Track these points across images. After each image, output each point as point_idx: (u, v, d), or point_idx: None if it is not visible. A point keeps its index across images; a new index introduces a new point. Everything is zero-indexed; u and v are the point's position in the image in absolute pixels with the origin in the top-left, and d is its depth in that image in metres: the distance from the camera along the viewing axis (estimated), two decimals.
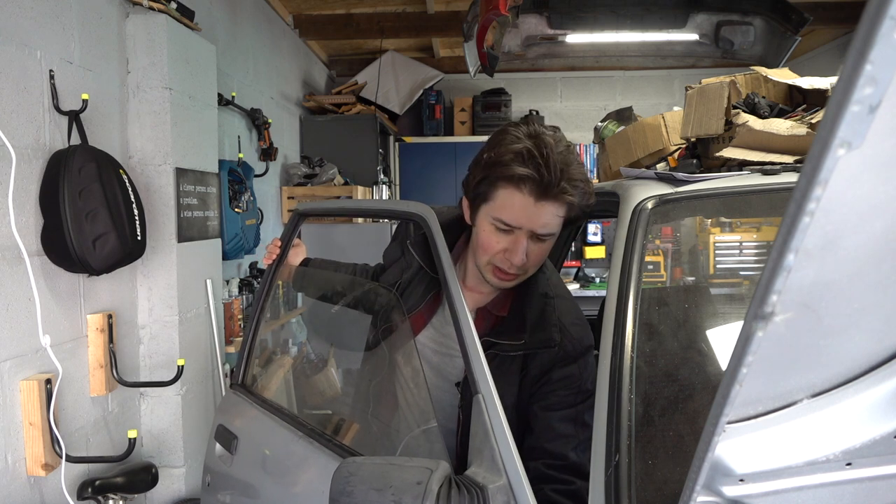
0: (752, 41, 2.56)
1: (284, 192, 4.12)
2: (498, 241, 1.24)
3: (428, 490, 1.01)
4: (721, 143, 1.59)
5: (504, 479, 1.06)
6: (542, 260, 1.31)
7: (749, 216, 2.32)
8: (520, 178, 1.17)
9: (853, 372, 0.64)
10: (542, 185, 1.17)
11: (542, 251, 1.27)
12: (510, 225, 1.22)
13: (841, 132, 0.39)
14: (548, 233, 1.23)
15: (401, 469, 1.06)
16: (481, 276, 1.31)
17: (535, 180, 1.16)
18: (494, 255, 1.25)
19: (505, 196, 1.20)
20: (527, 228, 1.21)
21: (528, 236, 1.22)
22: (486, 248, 1.26)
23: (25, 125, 1.81)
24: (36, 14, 1.86)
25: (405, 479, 1.04)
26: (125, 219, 1.98)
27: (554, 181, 1.16)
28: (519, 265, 1.24)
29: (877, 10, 0.35)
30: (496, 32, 2.50)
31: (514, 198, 1.19)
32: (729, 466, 0.66)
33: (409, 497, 1.01)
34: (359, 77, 4.97)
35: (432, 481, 1.02)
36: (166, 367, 2.36)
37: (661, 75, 5.60)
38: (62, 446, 1.84)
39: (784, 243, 0.44)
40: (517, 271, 1.26)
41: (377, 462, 1.10)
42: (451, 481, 1.06)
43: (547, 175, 1.16)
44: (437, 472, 1.05)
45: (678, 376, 1.22)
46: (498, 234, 1.24)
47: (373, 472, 1.06)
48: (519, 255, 1.23)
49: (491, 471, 1.09)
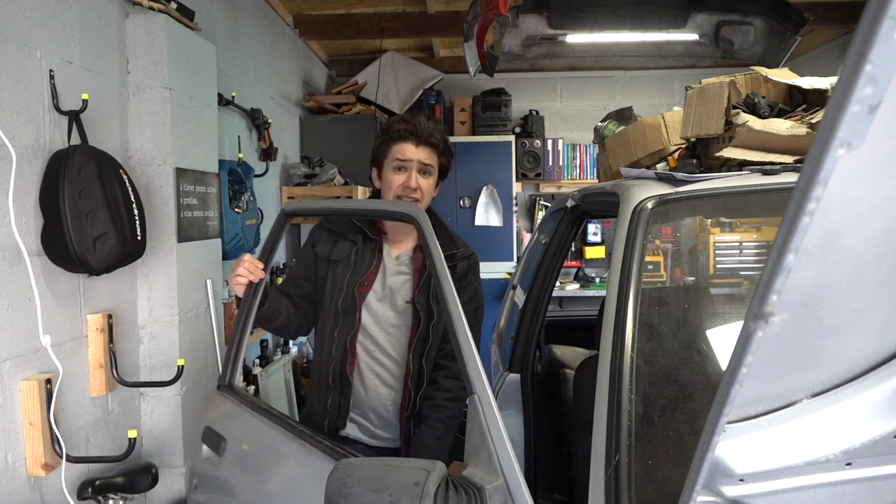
0: (752, 41, 2.56)
1: (284, 192, 4.12)
2: (397, 178, 1.80)
3: (425, 491, 1.01)
4: (721, 143, 1.59)
5: (501, 479, 1.06)
6: (430, 192, 1.84)
7: (749, 216, 2.31)
8: (405, 132, 1.80)
9: (853, 372, 0.64)
10: (418, 135, 1.79)
11: (429, 183, 1.83)
12: (403, 160, 1.79)
13: (841, 132, 0.39)
14: (428, 165, 1.81)
15: (398, 470, 1.07)
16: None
17: (413, 132, 1.79)
18: (397, 188, 1.79)
19: (397, 146, 1.80)
20: (415, 161, 1.79)
21: (417, 169, 1.79)
22: (390, 186, 1.80)
23: (25, 125, 1.81)
24: (36, 14, 1.86)
25: (402, 480, 1.04)
26: (125, 219, 1.98)
27: (425, 133, 1.80)
28: (414, 188, 1.78)
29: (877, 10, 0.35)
30: (496, 32, 2.50)
31: (403, 145, 1.80)
32: (729, 466, 0.66)
33: (406, 498, 1.02)
34: (359, 77, 4.97)
35: (429, 482, 1.03)
36: (166, 367, 2.36)
37: (661, 75, 5.60)
38: (62, 446, 1.84)
39: (784, 243, 0.44)
40: (415, 196, 1.79)
41: (374, 463, 1.11)
42: (448, 482, 1.06)
43: (419, 128, 1.79)
44: (434, 472, 1.05)
45: (678, 376, 1.22)
46: (397, 173, 1.80)
47: (370, 473, 1.07)
48: (413, 181, 1.78)
49: (488, 471, 1.09)
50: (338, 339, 1.79)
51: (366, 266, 1.81)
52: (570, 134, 5.69)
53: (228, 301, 2.93)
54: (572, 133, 5.70)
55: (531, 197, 5.67)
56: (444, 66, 5.36)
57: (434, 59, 5.39)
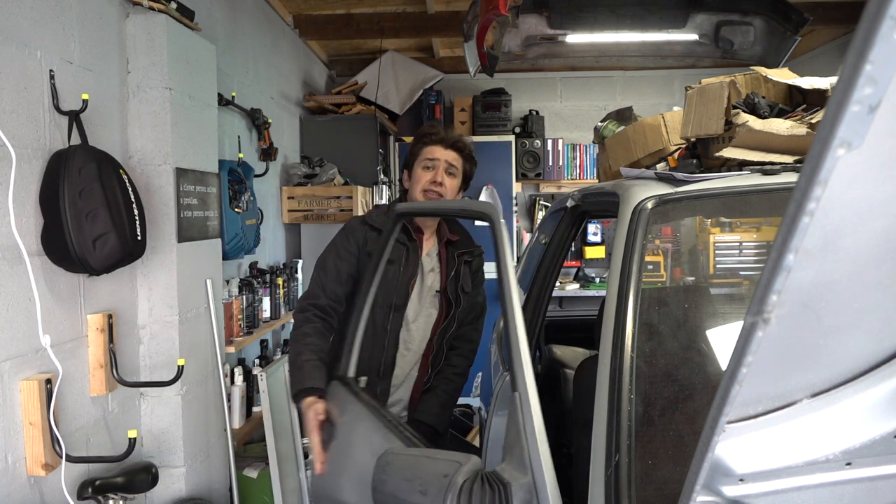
0: (752, 41, 2.56)
1: (284, 192, 4.12)
2: (426, 175, 2.05)
3: (452, 483, 1.05)
4: (721, 143, 1.59)
5: (529, 477, 1.07)
6: (453, 191, 2.08)
7: (749, 216, 2.31)
8: (436, 136, 2.07)
9: (853, 372, 0.64)
10: (447, 140, 2.06)
11: (453, 183, 2.07)
12: (432, 160, 2.05)
13: (841, 132, 0.39)
14: (454, 166, 2.06)
15: (432, 461, 1.12)
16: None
17: (442, 137, 2.07)
18: (425, 183, 2.04)
19: (427, 148, 2.07)
20: (442, 160, 2.04)
21: (444, 168, 2.04)
22: (419, 181, 2.05)
23: (25, 125, 1.81)
24: (36, 14, 1.86)
25: (434, 471, 1.09)
26: (125, 219, 1.98)
27: (453, 138, 2.08)
28: (440, 183, 2.03)
29: (877, 10, 0.35)
30: (496, 32, 2.50)
31: (433, 147, 2.06)
32: (729, 466, 0.66)
33: (433, 489, 1.06)
34: (359, 77, 4.97)
35: (458, 475, 1.06)
36: (166, 367, 2.36)
37: (661, 75, 5.60)
38: (62, 446, 1.84)
39: (784, 243, 0.44)
40: (440, 190, 2.03)
41: (413, 454, 1.18)
42: (479, 476, 1.08)
43: (447, 136, 2.07)
44: (465, 466, 1.08)
45: (678, 376, 1.22)
46: (426, 171, 2.05)
47: (407, 463, 1.14)
48: (440, 176, 2.04)
49: (518, 468, 1.10)
50: (390, 331, 2.01)
51: (413, 265, 2.05)
52: (570, 134, 5.69)
53: (228, 301, 2.93)
54: (572, 133, 5.69)
55: (531, 197, 5.67)
56: (444, 66, 5.35)
57: (434, 59, 5.39)
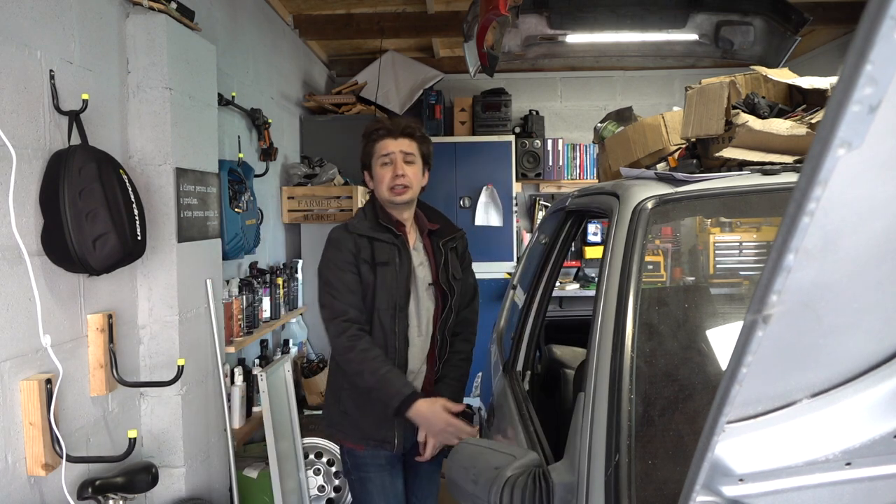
0: (752, 41, 2.56)
1: (284, 192, 4.12)
2: (386, 171, 2.03)
3: (499, 475, 1.08)
4: (721, 143, 1.59)
5: (574, 477, 1.07)
6: (418, 179, 2.07)
7: (749, 216, 2.31)
8: (382, 130, 2.05)
9: (853, 372, 0.64)
10: (394, 129, 2.04)
11: (415, 170, 2.05)
12: (387, 154, 2.02)
13: (841, 132, 0.39)
14: (410, 152, 2.04)
15: (493, 454, 1.16)
16: (390, 203, 2.05)
17: (389, 129, 2.05)
18: (388, 180, 2.02)
19: (378, 145, 2.05)
20: (396, 151, 2.02)
21: (401, 159, 2.02)
22: (382, 180, 2.04)
23: (25, 125, 1.81)
24: (36, 14, 1.85)
25: (489, 462, 1.13)
26: (125, 219, 1.98)
27: (400, 126, 2.05)
28: (401, 175, 2.00)
29: (877, 10, 0.35)
30: (496, 32, 2.50)
31: (383, 141, 2.04)
32: (729, 466, 0.66)
33: (483, 479, 1.11)
34: (359, 77, 4.97)
35: (508, 469, 1.10)
36: (166, 367, 2.36)
37: (661, 75, 5.60)
38: (62, 446, 1.84)
39: (784, 243, 0.44)
40: (405, 182, 2.01)
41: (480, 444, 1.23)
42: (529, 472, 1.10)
43: (393, 126, 2.05)
44: (520, 460, 1.12)
45: (678, 376, 1.22)
46: (385, 167, 2.03)
47: (470, 453, 1.20)
48: (399, 169, 2.01)
49: (569, 468, 1.11)
50: (399, 332, 2.01)
51: (406, 262, 2.03)
52: (570, 134, 5.69)
53: (228, 301, 2.93)
54: (572, 133, 5.69)
55: (531, 197, 5.67)
56: (444, 66, 5.35)
57: (434, 59, 5.39)
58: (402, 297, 2.02)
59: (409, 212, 2.10)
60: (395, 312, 2.01)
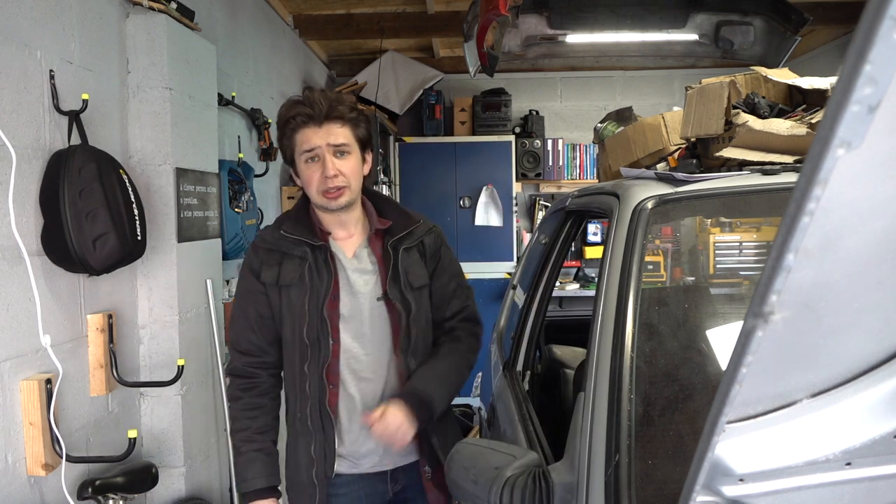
0: (752, 41, 2.56)
1: (284, 192, 4.12)
2: (313, 170, 1.54)
3: (499, 475, 1.08)
4: (721, 143, 1.59)
5: (574, 477, 1.07)
6: (357, 173, 1.59)
7: (749, 216, 2.31)
8: (302, 117, 1.52)
9: (853, 372, 0.64)
10: (317, 115, 1.51)
11: (351, 164, 1.56)
12: (312, 149, 1.53)
13: (841, 132, 0.39)
14: (341, 143, 1.54)
15: (493, 453, 1.16)
16: (324, 208, 1.59)
17: (310, 115, 1.51)
18: (317, 182, 1.54)
19: (299, 136, 1.54)
20: (323, 146, 1.52)
21: (330, 153, 1.53)
22: (310, 182, 1.55)
23: (26, 125, 1.81)
24: (36, 14, 1.85)
25: (489, 462, 1.13)
26: (125, 219, 1.98)
27: (325, 110, 1.51)
28: (333, 175, 1.53)
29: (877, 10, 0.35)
30: (496, 32, 2.50)
31: (305, 132, 1.53)
32: (729, 466, 0.66)
33: (483, 479, 1.11)
34: (359, 77, 4.97)
35: (508, 469, 1.09)
36: (166, 367, 2.36)
37: (661, 75, 5.60)
38: (62, 446, 1.84)
39: (784, 243, 0.44)
40: (339, 183, 1.54)
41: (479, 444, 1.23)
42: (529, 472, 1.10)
43: (315, 111, 1.51)
44: (520, 460, 1.12)
45: (678, 376, 1.22)
46: (311, 165, 1.54)
47: (470, 453, 1.19)
48: (329, 168, 1.52)
49: (569, 468, 1.11)
50: (310, 373, 1.57)
51: (325, 280, 1.56)
52: (570, 134, 5.69)
53: (228, 301, 2.93)
54: (572, 133, 5.69)
55: (531, 197, 5.67)
56: (444, 66, 5.36)
57: (434, 59, 5.39)
58: (312, 328, 1.55)
59: (351, 213, 1.63)
60: (301, 349, 1.57)
